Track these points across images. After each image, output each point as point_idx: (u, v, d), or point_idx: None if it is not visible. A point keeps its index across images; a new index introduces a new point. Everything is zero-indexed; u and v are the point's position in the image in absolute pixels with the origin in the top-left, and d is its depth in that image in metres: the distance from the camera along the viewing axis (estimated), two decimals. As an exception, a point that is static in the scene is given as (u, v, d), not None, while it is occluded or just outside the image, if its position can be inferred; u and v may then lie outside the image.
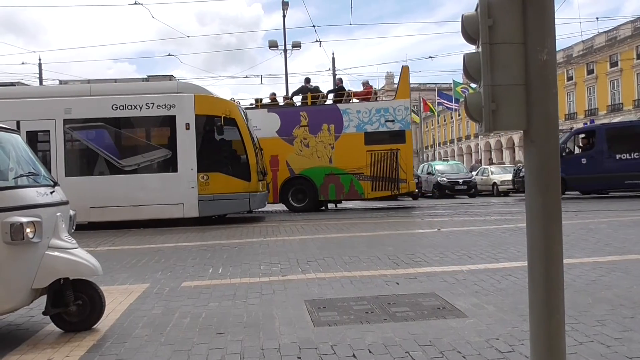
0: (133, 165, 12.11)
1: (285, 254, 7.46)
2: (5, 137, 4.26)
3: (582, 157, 16.72)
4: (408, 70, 15.84)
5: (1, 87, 12.60)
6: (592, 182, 16.56)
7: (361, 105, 15.78)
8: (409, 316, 4.15)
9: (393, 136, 15.37)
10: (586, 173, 16.21)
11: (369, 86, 16.86)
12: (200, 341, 3.68)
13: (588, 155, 16.56)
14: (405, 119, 15.46)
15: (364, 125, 15.32)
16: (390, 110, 15.39)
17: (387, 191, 15.49)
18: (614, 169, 16.05)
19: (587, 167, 16.22)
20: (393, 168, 15.23)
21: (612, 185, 16.76)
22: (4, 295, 3.61)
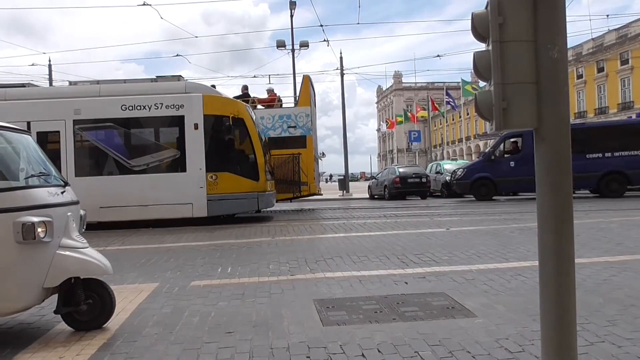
0: (142, 165, 12.18)
1: (293, 253, 7.47)
2: (16, 137, 4.30)
3: (511, 161, 17.49)
4: (309, 79, 16.52)
5: (12, 88, 12.71)
6: (519, 184, 17.31)
7: (265, 111, 16.26)
8: (418, 316, 4.14)
9: (295, 141, 15.97)
10: (514, 175, 16.96)
11: (273, 93, 17.33)
12: (210, 340, 3.69)
13: (516, 159, 17.30)
14: (306, 125, 16.09)
15: (267, 131, 15.66)
16: (292, 117, 16.11)
17: (289, 193, 16.14)
18: None
19: (515, 170, 16.96)
20: (295, 172, 15.85)
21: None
22: (16, 294, 3.64)
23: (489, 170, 17.70)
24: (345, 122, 29.17)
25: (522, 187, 17.78)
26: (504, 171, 17.42)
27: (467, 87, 39.46)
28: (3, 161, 4.14)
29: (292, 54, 26.35)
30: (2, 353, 3.59)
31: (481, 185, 17.96)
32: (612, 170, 16.56)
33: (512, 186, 17.84)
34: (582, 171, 16.18)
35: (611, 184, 16.70)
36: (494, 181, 17.50)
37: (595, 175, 16.57)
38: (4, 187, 3.75)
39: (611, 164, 16.59)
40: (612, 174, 16.61)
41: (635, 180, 16.65)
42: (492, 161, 17.97)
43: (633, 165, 16.42)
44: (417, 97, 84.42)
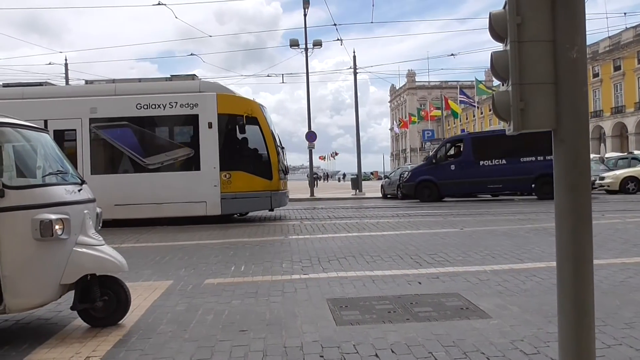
0: (157, 164, 12.28)
1: (306, 252, 7.48)
2: (35, 136, 4.35)
3: (452, 164, 18.21)
4: None
5: (30, 87, 12.88)
6: (460, 187, 17.99)
7: None
8: (431, 316, 4.12)
9: None
10: (455, 179, 17.73)
11: None
12: (224, 338, 3.71)
13: (456, 162, 18.09)
14: None
15: None
16: None
17: None
18: (478, 175, 17.50)
19: (456, 173, 17.75)
20: None
21: (477, 189, 18.34)
22: (34, 290, 3.69)
23: (432, 173, 18.34)
24: (358, 121, 29.13)
25: (463, 189, 18.30)
26: (445, 174, 18.02)
27: (480, 86, 39.13)
28: (22, 159, 4.22)
29: (305, 52, 26.37)
30: (20, 348, 3.64)
31: (425, 187, 18.47)
32: (545, 173, 16.82)
33: (452, 188, 18.32)
34: (516, 174, 17.13)
35: (544, 187, 17.01)
36: (436, 184, 18.12)
37: (529, 178, 17.10)
38: (22, 185, 3.81)
39: (544, 166, 16.92)
40: (544, 177, 16.86)
41: None
42: (434, 164, 18.61)
43: None
44: (430, 96, 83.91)
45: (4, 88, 12.98)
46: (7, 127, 3.99)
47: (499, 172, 17.41)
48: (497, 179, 17.45)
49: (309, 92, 27.12)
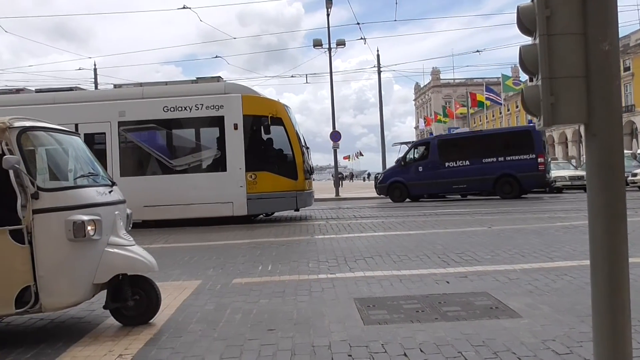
0: (184, 165, 12.45)
1: (332, 252, 7.48)
2: (67, 139, 4.47)
3: (419, 166, 19.02)
4: None
5: (61, 92, 13.20)
6: (427, 187, 18.88)
7: None
8: (460, 316, 4.07)
9: None
10: (422, 180, 18.64)
11: None
12: (252, 337, 3.74)
13: (424, 164, 18.86)
14: None
15: None
16: None
17: None
18: (443, 176, 18.32)
19: (423, 174, 18.65)
20: None
21: (443, 189, 19.06)
22: (68, 289, 3.78)
23: (402, 174, 19.23)
24: (383, 120, 29.01)
25: (430, 190, 19.09)
26: (413, 176, 18.89)
27: (507, 82, 38.47)
28: (54, 162, 4.33)
29: (328, 52, 26.37)
30: (55, 345, 3.74)
31: (395, 188, 19.30)
32: (505, 173, 17.77)
33: (420, 189, 19.09)
34: (479, 174, 17.88)
35: (505, 186, 17.91)
36: (405, 184, 18.97)
37: (491, 178, 17.84)
38: (56, 187, 3.91)
39: (504, 167, 17.86)
40: (504, 177, 17.81)
41: (525, 182, 17.77)
42: (404, 166, 19.39)
43: (522, 169, 17.58)
44: (455, 94, 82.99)
45: (37, 94, 13.34)
46: (40, 131, 4.11)
47: (463, 173, 18.14)
48: (461, 180, 18.17)
49: (332, 92, 27.13)
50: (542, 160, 17.59)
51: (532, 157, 17.57)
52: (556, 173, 22.52)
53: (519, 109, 63.98)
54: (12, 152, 3.66)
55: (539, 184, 18.22)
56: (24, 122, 3.89)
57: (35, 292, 3.63)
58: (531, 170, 17.47)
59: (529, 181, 17.71)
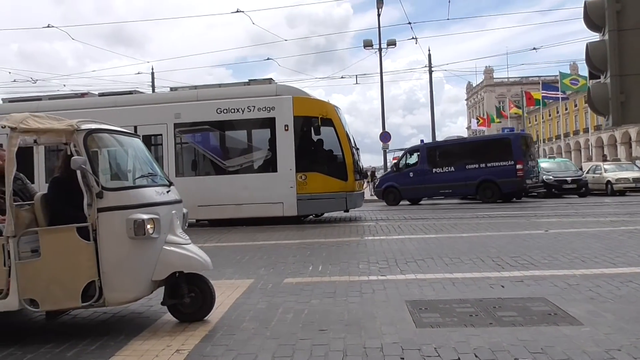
0: (236, 166, 12.71)
1: (383, 253, 7.43)
2: (128, 140, 4.66)
3: (410, 171, 20.08)
4: None
5: (121, 96, 13.78)
6: (417, 191, 19.99)
7: None
8: (516, 321, 3.95)
9: None
10: (413, 184, 19.73)
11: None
12: (304, 337, 3.77)
13: (414, 170, 19.93)
14: None
15: None
16: None
17: None
18: (431, 181, 19.38)
19: (414, 179, 19.73)
20: None
21: (431, 194, 20.24)
22: (129, 285, 3.95)
23: (395, 179, 20.34)
24: (434, 120, 28.58)
25: (419, 194, 20.25)
26: (405, 180, 19.93)
27: (565, 80, 36.97)
28: (117, 162, 4.53)
29: (379, 52, 26.23)
30: (118, 338, 3.91)
31: (390, 192, 20.35)
32: (486, 179, 18.77)
33: (411, 193, 20.18)
34: (463, 180, 18.83)
35: (486, 191, 18.86)
36: (398, 189, 19.94)
37: (473, 184, 18.86)
38: (118, 187, 4.09)
39: (485, 173, 18.82)
40: (485, 182, 18.80)
41: (504, 187, 18.61)
42: (397, 172, 20.59)
43: (502, 175, 18.50)
44: (509, 93, 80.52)
45: (100, 97, 13.99)
46: (104, 133, 4.30)
47: (449, 178, 19.20)
48: (447, 185, 19.25)
49: (382, 93, 27.00)
50: (521, 166, 18.57)
51: (511, 164, 18.56)
52: (618, 175, 21.47)
53: (577, 108, 61.35)
54: (79, 153, 3.86)
55: (518, 189, 19.12)
56: (90, 124, 4.09)
57: (99, 287, 3.81)
58: (510, 176, 18.47)
59: (507, 186, 18.68)
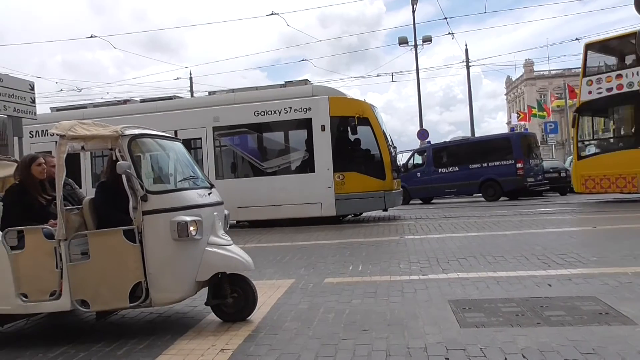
0: (274, 167, 12.83)
1: (424, 252, 7.34)
2: (169, 144, 4.77)
3: (418, 172, 20.78)
4: None
5: (161, 101, 14.14)
6: (424, 191, 20.75)
7: None
8: (565, 321, 3.83)
9: None
10: (420, 184, 20.46)
11: None
12: (346, 337, 3.77)
13: (421, 170, 20.70)
14: None
15: None
16: None
17: None
18: (437, 181, 20.14)
19: (421, 179, 20.47)
20: None
21: (437, 193, 20.96)
22: (174, 286, 4.04)
23: (404, 179, 19.95)
24: (473, 116, 28.04)
25: (426, 193, 20.94)
26: (413, 180, 20.55)
27: (611, 71, 35.53)
28: (159, 166, 4.64)
29: (414, 49, 25.95)
30: (164, 338, 4.00)
31: None
32: (488, 177, 19.36)
33: (419, 192, 20.88)
34: (466, 179, 19.56)
35: (488, 190, 19.50)
36: (407, 189, 19.80)
37: (476, 183, 19.43)
38: (162, 190, 4.19)
39: (487, 172, 19.42)
40: (488, 181, 19.40)
41: (505, 185, 19.07)
42: (406, 171, 20.47)
43: (503, 174, 19.02)
44: (551, 86, 78.14)
45: (141, 103, 14.41)
46: (147, 138, 4.42)
47: (453, 178, 19.90)
48: (452, 184, 19.97)
49: (419, 90, 26.65)
50: (521, 165, 18.96)
51: (511, 163, 19.05)
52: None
53: (624, 99, 58.93)
54: (124, 158, 3.97)
55: (518, 187, 19.35)
56: (133, 130, 4.20)
57: (145, 287, 3.91)
58: (511, 175, 18.95)
59: (508, 185, 19.12)
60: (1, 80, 9.00)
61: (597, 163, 14.03)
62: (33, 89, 9.72)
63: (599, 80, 13.82)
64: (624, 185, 13.43)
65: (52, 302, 3.96)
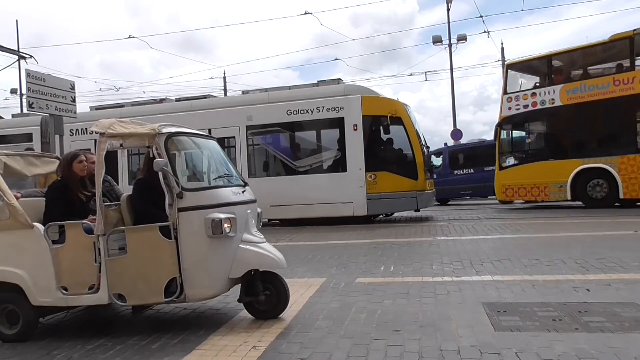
0: (306, 166, 12.87)
1: (457, 254, 7.24)
2: (204, 142, 4.84)
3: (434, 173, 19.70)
4: None
5: (196, 100, 14.37)
6: (439, 192, 19.49)
7: None
8: (605, 327, 3.72)
9: None
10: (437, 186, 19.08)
11: None
12: (378, 337, 3.75)
13: (437, 172, 19.66)
14: None
15: None
16: None
17: None
18: (452, 182, 20.02)
19: (437, 180, 19.03)
20: None
21: (453, 195, 20.64)
22: (208, 282, 4.10)
23: None
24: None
25: (443, 195, 20.14)
26: None
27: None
28: (194, 164, 4.71)
29: (449, 48, 25.62)
30: (198, 333, 4.07)
31: None
32: None
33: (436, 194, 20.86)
34: (481, 181, 19.21)
35: None
36: None
37: (491, 185, 18.12)
38: (197, 187, 4.26)
39: None
40: None
41: None
42: None
43: None
44: (591, 85, 75.77)
45: (177, 102, 14.67)
46: (183, 136, 4.50)
47: (468, 180, 19.89)
48: (467, 186, 19.95)
49: (453, 89, 26.29)
50: None
51: None
52: None
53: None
54: (161, 156, 4.05)
55: None
56: (170, 128, 4.28)
57: (180, 283, 3.99)
58: None
59: None
60: (44, 80, 9.32)
61: (515, 173, 14.93)
62: (73, 88, 10.04)
63: (517, 97, 14.73)
64: (537, 194, 14.36)
65: (91, 295, 4.08)
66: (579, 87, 13.60)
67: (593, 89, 13.31)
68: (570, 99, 13.60)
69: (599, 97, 13.11)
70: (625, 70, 13.19)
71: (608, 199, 13.19)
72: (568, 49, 14.49)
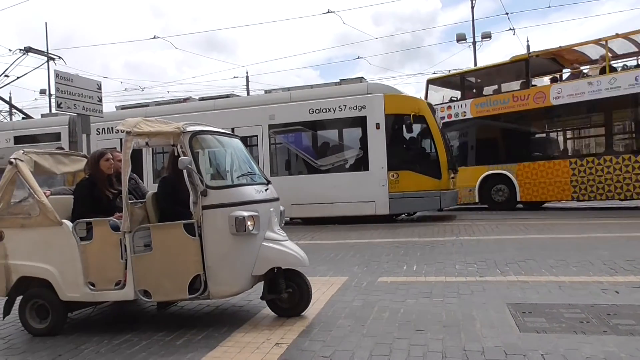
0: (328, 165, 12.85)
1: (480, 254, 7.16)
2: (228, 141, 4.88)
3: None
4: None
5: (219, 99, 14.48)
6: None
7: None
8: (635, 330, 3.63)
9: None
10: None
11: None
12: (401, 336, 3.73)
13: None
14: None
15: None
16: None
17: None
18: None
19: None
20: None
21: None
22: (231, 280, 4.13)
23: None
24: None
25: None
26: None
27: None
28: (218, 162, 4.75)
29: (473, 46, 25.31)
30: (221, 330, 4.12)
31: None
32: None
33: None
34: None
35: None
36: None
37: None
38: (221, 185, 4.30)
39: None
40: None
41: None
42: None
43: None
44: (619, 83, 73.96)
45: (200, 102, 14.81)
46: (207, 134, 4.54)
47: None
48: None
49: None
50: None
51: None
52: None
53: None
54: (185, 154, 4.10)
55: None
56: (194, 126, 4.33)
57: (204, 280, 4.03)
58: None
59: None
60: (72, 81, 9.51)
61: None
62: (100, 88, 10.22)
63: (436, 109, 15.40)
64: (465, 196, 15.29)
65: (117, 291, 4.15)
66: (485, 102, 15.26)
67: (497, 103, 14.96)
68: (479, 112, 15.18)
69: (501, 111, 14.71)
70: (522, 87, 14.69)
71: (509, 202, 14.59)
72: (478, 67, 16.67)
